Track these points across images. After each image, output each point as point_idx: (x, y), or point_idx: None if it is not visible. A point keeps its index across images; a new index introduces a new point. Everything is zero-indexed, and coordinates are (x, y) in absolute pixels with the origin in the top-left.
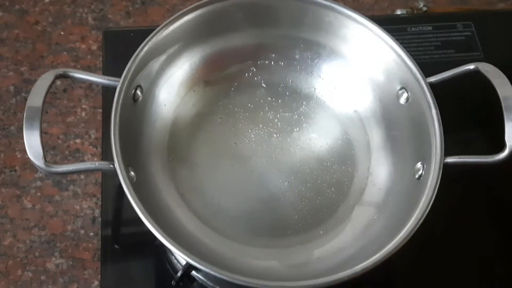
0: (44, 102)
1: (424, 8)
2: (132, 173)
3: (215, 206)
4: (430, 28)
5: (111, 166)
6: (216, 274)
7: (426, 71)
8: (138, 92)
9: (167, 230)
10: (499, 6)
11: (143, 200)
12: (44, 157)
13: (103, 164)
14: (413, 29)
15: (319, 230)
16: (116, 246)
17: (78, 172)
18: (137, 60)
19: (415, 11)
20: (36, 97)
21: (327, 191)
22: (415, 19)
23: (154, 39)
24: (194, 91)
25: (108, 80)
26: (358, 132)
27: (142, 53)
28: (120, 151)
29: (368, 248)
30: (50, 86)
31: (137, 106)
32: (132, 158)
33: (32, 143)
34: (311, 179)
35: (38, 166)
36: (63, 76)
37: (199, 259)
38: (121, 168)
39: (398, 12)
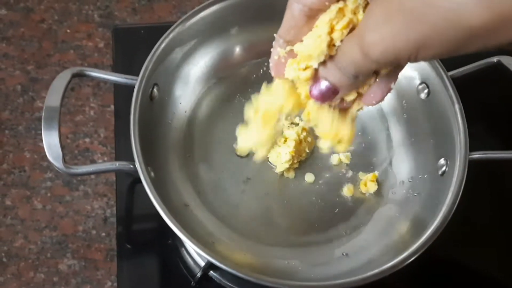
0: (62, 101)
1: None
2: (152, 173)
3: (233, 205)
4: None
5: (131, 166)
6: (242, 276)
7: (444, 67)
8: (155, 90)
9: (187, 229)
10: None
11: (163, 200)
12: (64, 158)
13: (124, 165)
14: None
15: (341, 229)
16: (128, 245)
17: (98, 173)
18: (154, 58)
19: None
20: (53, 97)
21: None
22: None
23: (171, 36)
24: (209, 87)
25: (126, 78)
26: (377, 129)
27: (159, 51)
28: (141, 151)
29: (392, 247)
30: (68, 85)
31: (154, 105)
32: (149, 157)
33: (51, 144)
34: (331, 176)
35: (57, 168)
36: (80, 75)
37: (224, 260)
38: (142, 168)
39: None
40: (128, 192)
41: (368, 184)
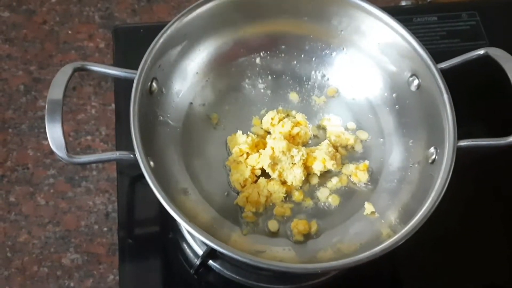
0: (64, 94)
1: None
2: (151, 162)
3: (228, 198)
4: (435, 18)
5: (132, 155)
6: (241, 258)
7: (434, 60)
8: (154, 84)
9: (186, 216)
10: None
11: (163, 188)
12: (66, 148)
13: (124, 154)
14: (418, 19)
15: (335, 216)
16: (130, 240)
17: (100, 162)
18: (153, 53)
19: (420, 2)
20: (56, 90)
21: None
22: (420, 10)
23: (168, 31)
24: (207, 81)
25: (125, 72)
26: (370, 120)
27: (157, 46)
28: (140, 141)
29: (383, 232)
30: (70, 79)
31: (152, 98)
32: (149, 148)
33: (54, 134)
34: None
35: (60, 157)
36: (81, 69)
37: (222, 243)
38: (142, 157)
39: (403, 3)
40: (129, 188)
41: (359, 174)
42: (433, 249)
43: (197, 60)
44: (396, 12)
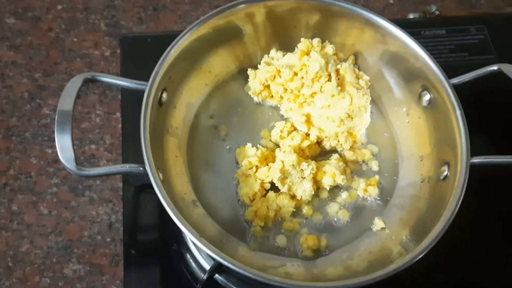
0: (74, 105)
1: (437, 12)
2: (160, 175)
3: (236, 212)
4: (444, 31)
5: (141, 168)
6: (251, 275)
7: (445, 73)
8: (164, 95)
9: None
10: (507, 10)
11: (172, 203)
12: (76, 160)
13: (134, 167)
14: (426, 32)
15: (345, 231)
16: (135, 251)
17: (109, 174)
18: (163, 64)
19: (428, 15)
20: (66, 101)
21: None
22: (428, 23)
23: (179, 43)
24: (216, 94)
25: (136, 84)
26: (380, 134)
27: (168, 57)
28: (151, 154)
29: (393, 250)
30: (80, 90)
31: (162, 109)
32: (158, 160)
33: (63, 146)
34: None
35: (69, 170)
36: (92, 80)
37: (233, 260)
38: (153, 170)
39: (411, 16)
40: (134, 198)
41: (369, 188)
42: (445, 266)
43: (207, 72)
44: (404, 25)
